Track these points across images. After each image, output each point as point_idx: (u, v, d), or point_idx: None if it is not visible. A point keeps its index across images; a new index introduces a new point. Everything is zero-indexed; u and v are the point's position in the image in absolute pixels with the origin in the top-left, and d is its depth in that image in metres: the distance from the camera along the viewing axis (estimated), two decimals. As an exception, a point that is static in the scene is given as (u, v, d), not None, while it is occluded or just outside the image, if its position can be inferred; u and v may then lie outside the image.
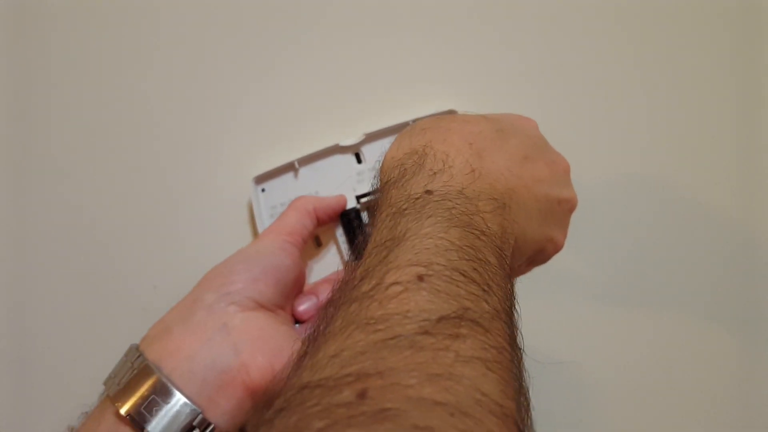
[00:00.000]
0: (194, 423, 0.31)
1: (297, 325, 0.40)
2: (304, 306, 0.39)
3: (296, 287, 0.39)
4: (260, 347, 0.33)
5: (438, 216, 0.27)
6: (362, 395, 0.20)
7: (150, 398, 0.31)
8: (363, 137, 0.44)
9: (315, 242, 0.46)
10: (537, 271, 0.37)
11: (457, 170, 0.30)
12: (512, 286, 0.28)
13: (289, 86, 0.47)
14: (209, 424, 0.31)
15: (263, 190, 0.44)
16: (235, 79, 0.47)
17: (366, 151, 0.45)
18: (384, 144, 0.44)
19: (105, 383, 0.33)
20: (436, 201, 0.27)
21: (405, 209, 0.28)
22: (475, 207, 0.28)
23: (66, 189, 0.46)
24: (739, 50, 0.50)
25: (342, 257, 0.45)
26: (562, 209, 0.35)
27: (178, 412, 0.30)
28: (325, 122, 0.47)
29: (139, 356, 0.32)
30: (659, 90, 0.49)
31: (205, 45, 0.46)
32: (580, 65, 0.49)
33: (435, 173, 0.29)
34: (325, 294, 0.40)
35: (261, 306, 0.35)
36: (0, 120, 0.46)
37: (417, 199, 0.28)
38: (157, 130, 0.46)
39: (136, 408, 0.30)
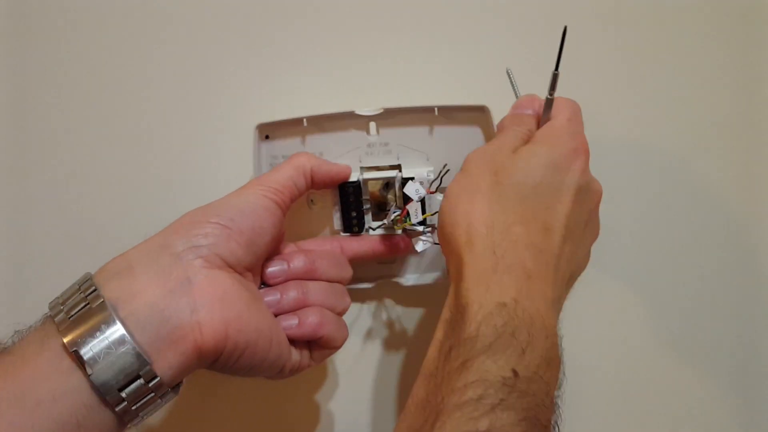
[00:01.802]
0: (141, 372, 0.30)
1: (262, 285, 0.39)
2: (272, 269, 0.39)
3: (270, 249, 0.38)
4: (219, 310, 0.33)
5: (523, 421, 0.28)
6: None
7: (101, 339, 0.30)
8: (381, 110, 0.41)
9: (309, 202, 0.44)
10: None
11: (538, 342, 0.30)
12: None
13: (317, 47, 0.45)
14: (155, 377, 0.31)
15: (267, 137, 0.42)
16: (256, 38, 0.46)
17: (381, 126, 0.42)
18: (401, 131, 0.41)
19: (50, 306, 0.33)
20: (521, 395, 0.29)
21: (501, 399, 0.28)
22: (546, 389, 0.30)
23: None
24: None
25: (333, 224, 0.43)
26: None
27: (126, 360, 0.30)
28: (345, 91, 0.45)
29: (94, 290, 0.32)
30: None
31: None
32: (610, 63, 0.46)
33: (524, 350, 0.30)
34: (297, 262, 0.39)
35: (228, 266, 0.35)
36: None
37: (505, 385, 0.29)
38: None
39: (86, 347, 0.30)
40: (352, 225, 0.43)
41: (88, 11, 0.46)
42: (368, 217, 0.43)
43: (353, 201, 0.42)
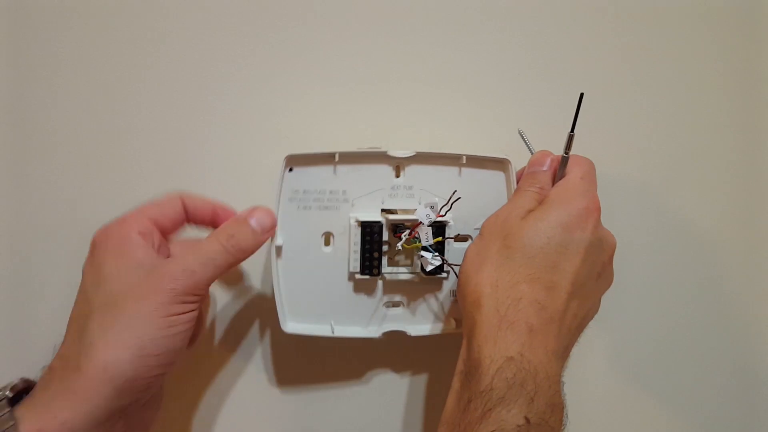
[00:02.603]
0: None
1: None
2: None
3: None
4: None
5: None
6: None
7: None
8: (413, 153, 0.41)
9: (323, 241, 0.42)
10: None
11: (543, 390, 0.34)
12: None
13: (352, 82, 0.46)
14: None
15: (290, 170, 0.41)
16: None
17: (408, 169, 0.42)
18: (429, 170, 0.42)
19: None
20: None
21: None
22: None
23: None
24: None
25: (349, 262, 0.42)
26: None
27: None
28: (373, 128, 0.46)
29: (12, 425, 0.31)
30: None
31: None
32: (640, 119, 0.50)
33: (532, 399, 0.33)
34: None
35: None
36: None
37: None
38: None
39: None
40: (372, 266, 0.41)
41: (98, 19, 0.45)
42: (384, 261, 0.42)
43: (377, 240, 0.41)
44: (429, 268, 0.41)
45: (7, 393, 0.34)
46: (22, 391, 0.34)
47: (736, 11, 0.50)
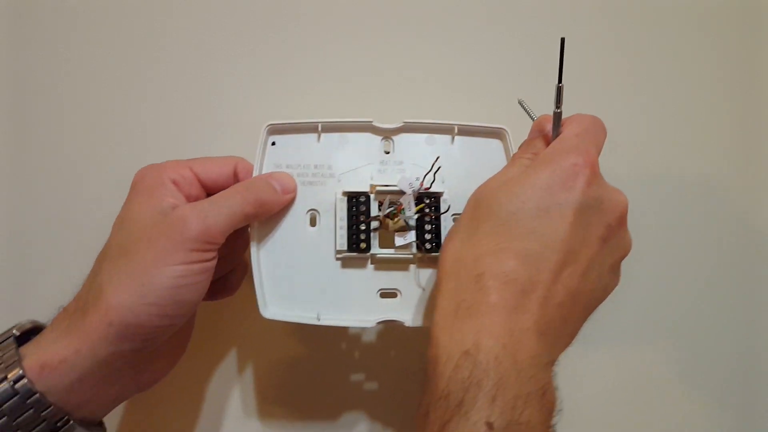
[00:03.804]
0: None
1: None
2: None
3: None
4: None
5: None
6: None
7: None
8: (401, 124, 0.39)
9: (309, 220, 0.39)
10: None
11: (509, 381, 0.29)
12: None
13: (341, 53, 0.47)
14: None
15: (273, 144, 0.39)
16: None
17: (398, 141, 0.40)
18: (419, 144, 0.40)
19: None
20: None
21: None
22: (525, 429, 0.28)
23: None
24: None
25: (335, 239, 0.38)
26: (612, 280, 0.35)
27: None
28: (364, 101, 0.46)
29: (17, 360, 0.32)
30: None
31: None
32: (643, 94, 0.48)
33: (494, 397, 0.28)
34: None
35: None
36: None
37: None
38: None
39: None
40: (360, 241, 0.38)
41: (90, 10, 0.46)
42: (375, 242, 0.38)
43: (364, 211, 0.38)
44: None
45: (14, 332, 0.34)
46: (30, 332, 0.35)
47: (736, 10, 0.49)
